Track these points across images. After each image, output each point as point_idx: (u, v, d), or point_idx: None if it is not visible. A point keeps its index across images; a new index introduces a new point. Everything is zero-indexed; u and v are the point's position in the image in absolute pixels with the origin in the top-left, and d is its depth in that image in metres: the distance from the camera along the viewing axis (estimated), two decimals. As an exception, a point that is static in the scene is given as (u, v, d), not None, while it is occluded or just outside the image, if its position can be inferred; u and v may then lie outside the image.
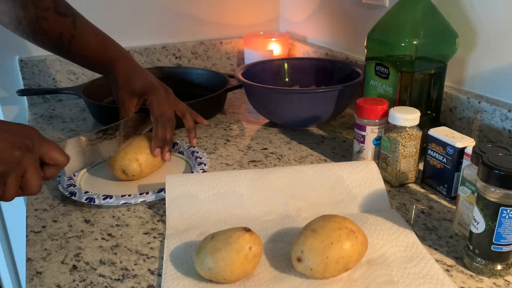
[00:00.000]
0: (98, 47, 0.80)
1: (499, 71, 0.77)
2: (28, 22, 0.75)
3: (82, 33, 0.78)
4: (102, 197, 0.66)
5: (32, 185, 0.53)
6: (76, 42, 0.78)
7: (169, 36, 1.26)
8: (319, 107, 0.88)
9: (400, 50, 0.73)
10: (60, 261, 0.56)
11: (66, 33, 0.77)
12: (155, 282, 0.52)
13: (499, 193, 0.49)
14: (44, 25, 0.76)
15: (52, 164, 0.56)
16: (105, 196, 0.66)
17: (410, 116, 0.68)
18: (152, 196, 0.67)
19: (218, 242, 0.50)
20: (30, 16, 0.75)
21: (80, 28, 0.78)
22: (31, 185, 0.53)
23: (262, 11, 1.35)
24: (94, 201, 0.65)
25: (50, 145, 0.55)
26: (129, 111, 0.76)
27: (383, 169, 0.72)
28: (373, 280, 0.51)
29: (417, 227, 0.62)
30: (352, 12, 1.08)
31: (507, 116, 0.73)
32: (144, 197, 0.66)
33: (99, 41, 0.80)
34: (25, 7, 0.74)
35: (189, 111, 0.80)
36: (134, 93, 0.77)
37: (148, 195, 0.67)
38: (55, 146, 0.56)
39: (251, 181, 0.65)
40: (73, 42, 0.78)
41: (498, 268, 0.52)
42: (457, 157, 0.64)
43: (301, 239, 0.50)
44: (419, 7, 0.73)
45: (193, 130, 0.80)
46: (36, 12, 0.75)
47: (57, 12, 0.77)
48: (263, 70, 1.04)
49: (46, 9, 0.76)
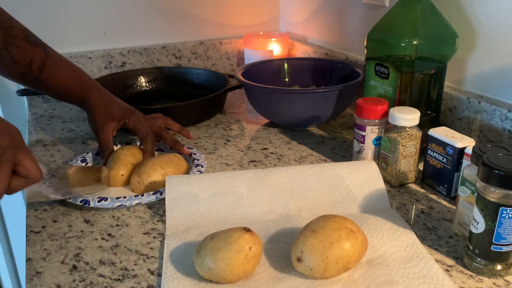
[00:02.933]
0: (71, 76, 0.80)
1: (499, 71, 0.77)
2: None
3: (54, 62, 0.78)
4: (97, 199, 0.66)
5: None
6: (48, 71, 0.77)
7: (169, 36, 1.26)
8: (319, 107, 0.88)
9: (400, 50, 0.73)
10: (60, 261, 0.56)
11: (37, 61, 0.76)
12: (155, 282, 0.52)
13: (499, 193, 0.49)
14: (13, 52, 0.75)
15: (24, 175, 0.53)
16: (100, 198, 0.66)
17: (410, 116, 0.68)
18: (147, 198, 0.67)
19: (218, 242, 0.50)
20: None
21: (52, 57, 0.78)
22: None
23: (262, 11, 1.35)
24: (89, 204, 0.65)
25: (29, 154, 0.53)
26: (107, 134, 0.78)
27: (383, 169, 0.72)
28: (373, 280, 0.51)
29: (417, 227, 0.62)
30: (352, 12, 1.08)
31: (507, 116, 0.73)
32: (139, 199, 0.66)
33: (72, 71, 0.81)
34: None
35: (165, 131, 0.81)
36: (113, 117, 0.78)
37: (143, 197, 0.67)
38: (33, 157, 0.54)
39: (251, 181, 0.65)
40: (45, 70, 0.77)
41: (498, 268, 0.52)
42: (457, 157, 0.64)
43: (301, 239, 0.50)
44: (419, 7, 0.73)
45: (178, 144, 0.80)
46: (5, 38, 0.74)
47: (27, 41, 0.76)
48: (263, 70, 1.04)
49: (15, 37, 0.75)
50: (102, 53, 1.17)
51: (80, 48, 1.17)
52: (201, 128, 0.96)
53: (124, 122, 0.79)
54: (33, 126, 0.98)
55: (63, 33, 1.14)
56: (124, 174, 0.72)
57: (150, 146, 0.77)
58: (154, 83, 1.14)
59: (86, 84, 0.81)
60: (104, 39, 1.19)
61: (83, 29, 1.16)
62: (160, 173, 0.71)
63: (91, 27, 1.17)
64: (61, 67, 0.79)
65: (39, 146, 0.88)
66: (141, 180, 0.70)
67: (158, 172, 0.71)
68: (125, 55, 1.20)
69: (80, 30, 1.16)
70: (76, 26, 1.15)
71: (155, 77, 1.14)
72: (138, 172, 0.70)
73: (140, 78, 1.13)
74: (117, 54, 1.19)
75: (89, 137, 0.92)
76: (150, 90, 1.13)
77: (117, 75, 1.10)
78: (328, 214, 0.53)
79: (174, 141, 0.80)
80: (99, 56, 1.17)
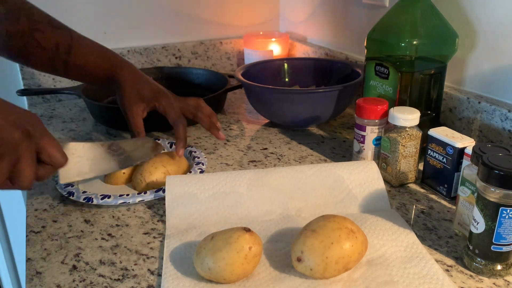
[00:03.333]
0: (99, 55, 0.78)
1: (499, 71, 0.77)
2: (20, 36, 0.72)
3: (80, 42, 0.77)
4: (100, 197, 0.66)
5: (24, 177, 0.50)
6: (75, 51, 0.76)
7: (169, 36, 1.26)
8: (319, 107, 0.88)
9: (400, 50, 0.73)
10: (60, 261, 0.56)
11: (63, 44, 0.75)
12: (155, 282, 0.52)
13: (499, 193, 0.49)
14: (39, 38, 0.73)
15: (48, 162, 0.53)
16: (103, 196, 0.66)
17: (410, 116, 0.68)
18: (150, 195, 0.67)
19: (218, 242, 0.50)
20: (22, 29, 0.72)
21: (77, 39, 0.77)
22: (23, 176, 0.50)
23: (262, 11, 1.35)
24: (92, 201, 0.65)
25: (51, 140, 0.52)
26: (136, 116, 0.75)
27: (383, 169, 0.72)
28: (373, 280, 0.51)
29: (417, 227, 0.62)
30: (352, 12, 1.08)
31: (507, 116, 0.73)
32: (142, 197, 0.66)
33: (99, 50, 0.79)
34: (16, 20, 0.72)
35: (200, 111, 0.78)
36: (143, 98, 0.76)
37: (146, 195, 0.67)
38: (56, 143, 0.53)
39: (251, 181, 0.65)
40: (72, 52, 0.76)
41: (498, 268, 0.52)
42: (457, 157, 0.64)
43: (301, 239, 0.50)
44: (419, 7, 0.73)
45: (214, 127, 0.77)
46: (29, 25, 0.73)
47: (51, 25, 0.75)
48: (263, 70, 1.04)
49: (39, 22, 0.74)
50: (102, 53, 1.17)
51: (80, 48, 1.17)
52: (201, 128, 0.96)
53: (154, 105, 0.77)
54: (33, 126, 0.98)
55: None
56: (125, 172, 0.72)
57: (182, 132, 0.74)
58: (154, 83, 1.14)
59: (115, 62, 0.78)
60: (104, 39, 1.19)
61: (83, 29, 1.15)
62: (161, 171, 0.71)
63: (91, 27, 1.17)
64: (87, 46, 0.78)
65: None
66: (143, 178, 0.70)
67: (160, 170, 0.71)
68: (125, 55, 1.20)
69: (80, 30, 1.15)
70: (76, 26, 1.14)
71: (155, 77, 1.14)
72: (140, 170, 0.71)
73: (140, 78, 1.13)
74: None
75: (89, 137, 0.92)
76: (150, 90, 1.13)
77: (117, 75, 1.10)
78: (328, 214, 0.53)
79: (211, 124, 0.77)
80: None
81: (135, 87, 0.76)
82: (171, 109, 0.76)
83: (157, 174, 0.70)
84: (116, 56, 0.80)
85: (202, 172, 0.74)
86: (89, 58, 0.77)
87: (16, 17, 0.72)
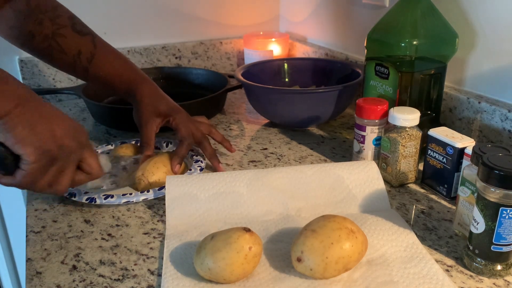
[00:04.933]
0: (120, 67, 0.78)
1: (499, 71, 0.77)
2: (43, 38, 0.72)
3: (102, 52, 0.77)
4: (103, 197, 0.66)
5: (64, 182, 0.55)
6: (97, 61, 0.76)
7: (169, 36, 1.26)
8: (319, 107, 0.88)
9: (400, 50, 0.73)
10: (60, 261, 0.56)
11: (85, 52, 0.75)
12: (155, 282, 0.52)
13: (499, 193, 0.49)
14: (61, 42, 0.73)
15: (87, 171, 0.59)
16: (106, 196, 0.66)
17: (410, 116, 0.68)
18: (153, 194, 0.67)
19: (218, 242, 0.50)
20: (45, 32, 0.72)
21: (100, 47, 0.77)
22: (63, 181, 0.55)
23: (262, 11, 1.35)
24: (95, 201, 0.65)
25: (92, 152, 0.59)
26: (151, 130, 0.76)
27: (383, 169, 0.72)
28: (373, 280, 0.51)
29: (417, 227, 0.62)
30: (352, 12, 1.08)
31: (507, 116, 0.73)
32: (145, 195, 0.67)
33: (121, 62, 0.79)
34: (40, 23, 0.72)
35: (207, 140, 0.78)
36: (159, 114, 0.77)
37: (149, 193, 0.67)
38: (96, 155, 0.59)
39: (251, 181, 0.65)
40: (94, 61, 0.76)
41: (498, 268, 0.52)
42: (457, 157, 0.64)
43: (301, 239, 0.50)
44: (419, 7, 0.73)
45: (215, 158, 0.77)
46: (53, 29, 0.72)
47: (75, 30, 0.75)
48: (263, 70, 1.04)
49: (63, 26, 0.73)
50: (102, 53, 1.17)
51: (80, 48, 1.17)
52: (201, 128, 0.96)
53: (168, 120, 0.77)
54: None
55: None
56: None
57: (184, 150, 0.75)
58: (154, 83, 1.14)
59: (135, 76, 0.79)
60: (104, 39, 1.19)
61: (83, 29, 1.16)
62: (163, 170, 0.71)
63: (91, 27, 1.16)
64: (109, 57, 0.78)
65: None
66: (145, 178, 0.70)
67: (161, 170, 0.71)
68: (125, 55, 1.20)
69: (80, 30, 1.16)
70: (76, 26, 1.15)
71: (155, 77, 1.14)
72: (142, 170, 0.71)
73: (140, 78, 1.13)
74: (117, 54, 1.19)
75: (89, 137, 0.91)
76: (150, 90, 1.13)
77: (117, 75, 1.10)
78: (328, 214, 0.53)
79: (213, 154, 0.77)
80: (99, 56, 1.17)
81: (153, 103, 0.77)
82: (182, 126, 0.77)
83: (159, 174, 0.71)
84: (137, 71, 0.80)
85: (202, 170, 0.75)
86: (110, 69, 0.78)
87: (40, 20, 0.72)
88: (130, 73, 0.79)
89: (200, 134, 0.77)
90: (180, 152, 0.74)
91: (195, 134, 0.77)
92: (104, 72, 0.77)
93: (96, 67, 0.76)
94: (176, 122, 0.77)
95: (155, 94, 0.78)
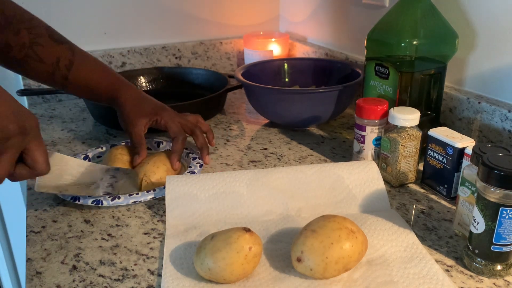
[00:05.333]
0: (100, 73, 0.78)
1: (499, 71, 0.77)
2: (20, 48, 0.71)
3: (81, 59, 0.76)
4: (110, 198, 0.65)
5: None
6: (76, 68, 0.75)
7: (169, 36, 1.26)
8: (319, 107, 0.88)
9: (400, 50, 0.73)
10: (60, 261, 0.56)
11: (64, 59, 0.74)
12: (155, 282, 0.52)
13: (499, 193, 0.49)
14: (39, 51, 0.72)
15: (30, 165, 0.52)
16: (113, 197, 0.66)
17: (410, 116, 0.68)
18: (161, 192, 0.67)
19: (218, 242, 0.50)
20: (22, 41, 0.71)
21: (79, 55, 0.76)
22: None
23: (262, 11, 1.35)
24: (102, 203, 0.65)
25: (40, 146, 0.52)
26: (140, 130, 0.76)
27: (383, 169, 0.72)
28: (373, 280, 0.51)
29: (417, 227, 0.62)
30: (352, 12, 1.08)
31: (507, 116, 0.73)
32: (152, 194, 0.67)
33: (101, 68, 0.79)
34: (16, 33, 0.71)
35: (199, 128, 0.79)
36: (145, 114, 0.76)
37: (156, 192, 0.67)
38: (44, 150, 0.53)
39: (251, 181, 0.65)
40: (73, 68, 0.75)
41: (498, 268, 0.52)
42: (457, 157, 0.64)
43: (301, 239, 0.50)
44: (419, 7, 0.73)
45: (205, 148, 0.78)
46: (30, 38, 0.72)
47: (52, 38, 0.74)
48: (263, 70, 1.04)
49: (40, 35, 0.73)
50: (102, 53, 1.17)
51: (80, 48, 1.17)
52: (201, 128, 0.96)
53: (156, 120, 0.77)
54: (33, 126, 0.98)
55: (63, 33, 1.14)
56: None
57: (180, 145, 0.75)
58: (154, 83, 1.14)
59: (115, 81, 0.79)
60: (104, 39, 1.19)
61: (83, 29, 1.16)
62: (163, 169, 0.72)
63: (91, 27, 1.17)
64: (89, 64, 0.77)
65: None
66: (148, 178, 0.71)
67: (162, 168, 0.72)
68: (125, 55, 1.20)
69: (80, 30, 1.16)
70: (76, 26, 1.15)
71: (155, 77, 1.14)
72: (143, 171, 0.71)
73: (140, 78, 1.13)
74: (117, 54, 1.19)
75: (89, 137, 0.92)
76: (150, 90, 1.13)
77: (117, 75, 1.10)
78: (328, 214, 0.53)
79: (204, 144, 0.77)
80: (99, 56, 1.17)
81: (137, 105, 0.77)
82: (172, 123, 0.77)
83: (160, 173, 0.71)
84: (118, 76, 0.80)
85: (201, 166, 0.75)
86: (90, 75, 0.77)
87: (16, 30, 0.71)
88: (111, 78, 0.79)
89: (190, 124, 0.78)
90: (177, 148, 0.75)
91: (186, 125, 0.78)
92: (84, 79, 0.77)
93: (76, 74, 0.76)
94: (165, 120, 0.77)
95: (138, 97, 0.79)
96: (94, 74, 0.78)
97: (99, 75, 0.78)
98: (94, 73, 0.78)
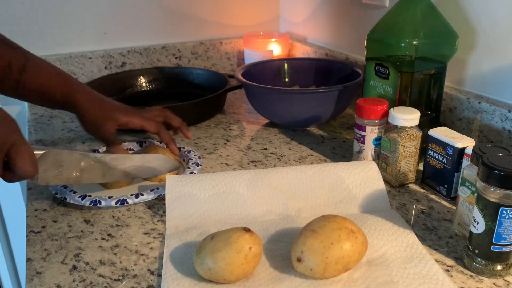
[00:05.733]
0: (54, 77, 0.74)
1: (499, 71, 0.77)
2: None
3: (35, 63, 0.73)
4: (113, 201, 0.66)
5: None
6: (29, 72, 0.72)
7: (169, 36, 1.26)
8: (319, 107, 0.88)
9: (400, 50, 0.73)
10: (60, 261, 0.56)
11: (16, 63, 0.70)
12: (155, 282, 0.52)
13: (499, 193, 0.49)
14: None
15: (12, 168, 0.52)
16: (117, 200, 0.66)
17: (410, 117, 0.68)
18: (163, 190, 0.68)
19: (218, 242, 0.50)
20: None
21: (32, 59, 0.73)
22: None
23: (262, 11, 1.35)
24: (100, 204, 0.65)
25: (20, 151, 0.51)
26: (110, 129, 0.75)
27: (383, 169, 0.72)
28: (373, 280, 0.51)
29: (417, 227, 0.62)
30: (352, 12, 1.08)
31: (507, 116, 0.73)
32: (157, 192, 0.67)
33: (54, 72, 0.75)
34: None
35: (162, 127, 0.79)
36: (111, 117, 0.75)
37: (159, 190, 0.68)
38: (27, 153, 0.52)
39: (251, 181, 0.65)
40: (25, 73, 0.71)
41: (498, 268, 0.52)
42: (457, 157, 0.64)
43: (301, 239, 0.50)
44: (419, 7, 0.73)
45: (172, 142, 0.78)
46: None
47: (4, 42, 0.71)
48: (263, 70, 1.04)
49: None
50: (102, 53, 1.17)
51: (80, 48, 1.17)
52: (201, 128, 0.96)
53: (124, 122, 0.76)
54: (33, 126, 0.98)
55: (63, 33, 1.14)
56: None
57: (167, 135, 0.77)
58: (154, 83, 1.14)
59: (71, 84, 0.75)
60: (104, 39, 1.19)
61: (83, 29, 1.16)
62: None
63: (91, 27, 1.17)
64: (42, 68, 0.74)
65: (39, 146, 0.88)
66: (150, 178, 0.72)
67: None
68: (125, 55, 1.20)
69: (80, 30, 1.16)
70: (76, 26, 1.15)
71: (155, 77, 1.14)
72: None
73: (140, 78, 1.13)
74: (117, 54, 1.19)
75: (89, 137, 0.92)
76: (150, 90, 1.13)
77: (117, 75, 1.10)
78: (328, 214, 0.53)
79: (170, 139, 0.78)
80: (99, 56, 1.17)
81: (100, 108, 0.76)
82: (145, 121, 0.77)
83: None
84: (72, 80, 0.77)
85: (200, 158, 0.76)
86: (44, 79, 0.73)
87: None
88: (66, 82, 0.76)
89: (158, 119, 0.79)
90: (168, 137, 0.77)
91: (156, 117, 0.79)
92: (37, 83, 0.73)
93: (29, 78, 0.72)
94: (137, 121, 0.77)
95: (97, 100, 0.77)
96: (47, 77, 0.74)
97: (54, 79, 0.75)
98: (47, 77, 0.74)
